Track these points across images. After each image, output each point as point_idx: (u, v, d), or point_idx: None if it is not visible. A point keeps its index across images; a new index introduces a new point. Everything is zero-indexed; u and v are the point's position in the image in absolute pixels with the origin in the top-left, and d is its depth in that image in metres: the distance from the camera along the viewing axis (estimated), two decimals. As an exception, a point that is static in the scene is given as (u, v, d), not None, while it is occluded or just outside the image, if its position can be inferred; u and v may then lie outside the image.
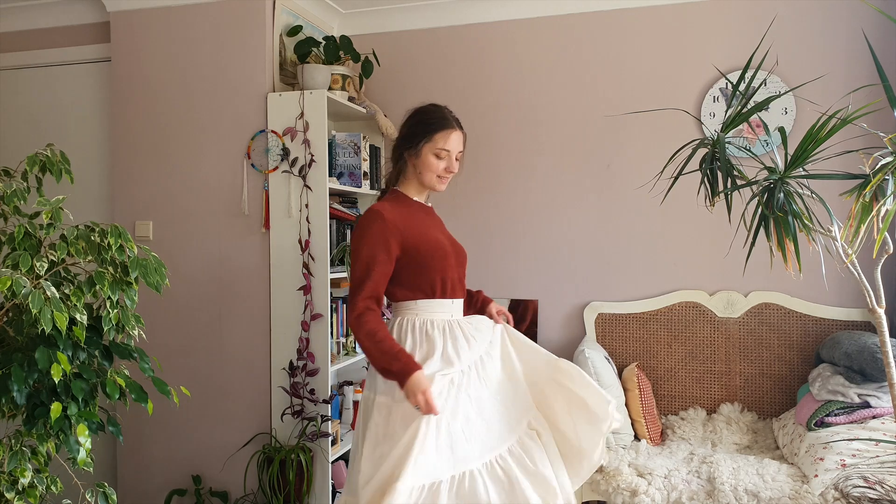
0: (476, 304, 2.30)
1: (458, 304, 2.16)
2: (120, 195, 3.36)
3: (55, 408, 1.73)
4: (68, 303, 1.76)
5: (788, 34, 3.15)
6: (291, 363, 3.07)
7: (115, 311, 1.83)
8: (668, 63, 3.33)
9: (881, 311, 1.83)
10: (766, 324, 3.19)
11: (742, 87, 1.91)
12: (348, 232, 3.45)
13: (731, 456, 2.73)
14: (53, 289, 1.71)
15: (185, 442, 3.26)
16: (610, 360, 3.16)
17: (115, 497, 1.87)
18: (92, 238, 1.81)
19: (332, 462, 3.08)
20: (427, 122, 2.16)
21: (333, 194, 3.26)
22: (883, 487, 1.86)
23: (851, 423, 2.61)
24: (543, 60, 3.49)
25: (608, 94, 3.40)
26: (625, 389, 3.07)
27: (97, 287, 1.79)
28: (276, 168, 3.10)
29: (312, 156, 3.06)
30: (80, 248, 1.79)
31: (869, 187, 1.71)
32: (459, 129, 2.18)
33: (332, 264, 3.16)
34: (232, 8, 3.18)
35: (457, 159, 2.17)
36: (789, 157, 1.83)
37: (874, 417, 2.59)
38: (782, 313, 3.18)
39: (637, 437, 3.02)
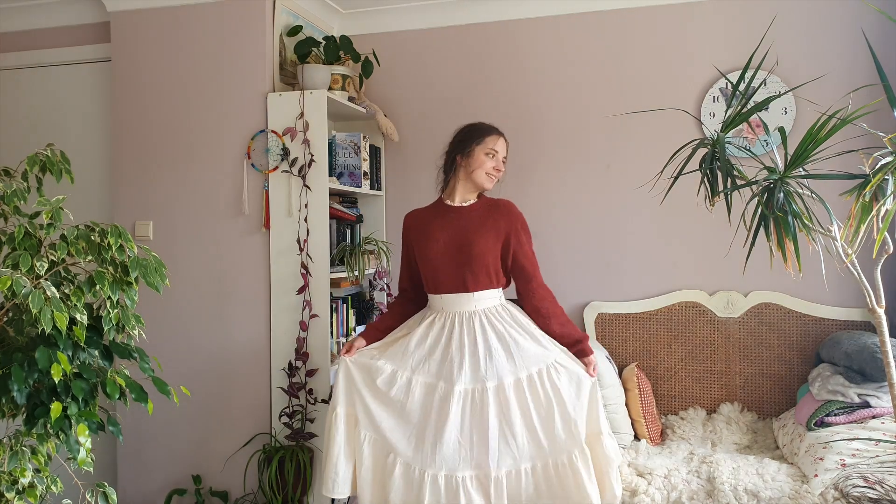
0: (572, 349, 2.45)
1: (450, 297, 2.48)
2: (120, 195, 3.36)
3: (55, 408, 1.73)
4: (68, 303, 1.76)
5: (788, 34, 3.14)
6: (290, 363, 3.07)
7: (116, 310, 1.83)
8: (668, 63, 3.33)
9: (881, 311, 1.83)
10: (766, 324, 3.19)
11: (742, 87, 1.91)
12: (348, 232, 3.45)
13: (730, 456, 2.73)
14: (53, 289, 1.71)
15: (185, 442, 3.26)
16: (611, 359, 3.16)
17: (115, 497, 1.87)
18: (92, 238, 1.81)
19: (332, 462, 3.07)
20: (479, 129, 2.56)
21: (333, 194, 3.26)
22: (883, 487, 1.86)
23: (851, 422, 2.61)
24: (543, 60, 3.49)
25: (608, 94, 3.40)
26: (625, 389, 3.07)
27: (97, 287, 1.79)
28: (276, 168, 3.10)
29: (312, 156, 3.06)
30: (80, 248, 1.79)
31: (869, 187, 1.71)
32: (505, 138, 2.58)
33: (332, 264, 3.16)
34: (232, 8, 3.18)
35: (502, 162, 2.55)
36: (789, 157, 1.83)
37: (874, 417, 2.59)
38: (782, 313, 3.18)
39: (637, 437, 3.02)
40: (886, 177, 1.70)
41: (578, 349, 2.42)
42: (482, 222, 2.48)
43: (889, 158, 1.72)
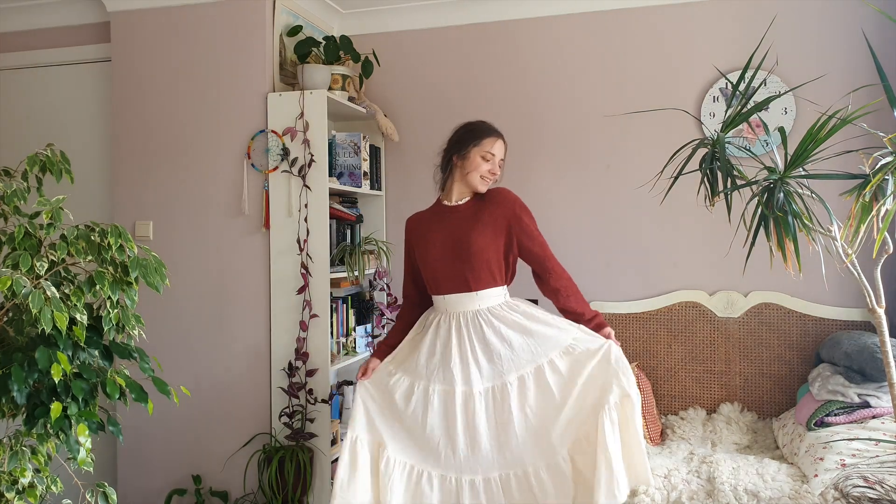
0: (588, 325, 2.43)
1: (452, 297, 2.42)
2: (120, 195, 3.36)
3: (55, 408, 1.74)
4: (68, 303, 1.76)
5: (788, 34, 3.14)
6: (290, 363, 3.07)
7: (116, 311, 1.83)
8: (668, 63, 3.33)
9: (881, 311, 1.83)
10: (765, 324, 3.19)
11: (742, 87, 1.91)
12: (348, 232, 3.45)
13: (730, 456, 2.73)
14: (53, 289, 1.71)
15: (185, 442, 3.26)
16: (610, 360, 3.16)
17: (115, 497, 1.87)
18: (92, 238, 1.81)
19: (333, 461, 3.08)
20: (478, 130, 2.47)
21: (333, 194, 3.26)
22: (883, 487, 1.86)
23: (851, 422, 2.61)
24: (543, 60, 3.49)
25: (608, 94, 3.40)
26: (625, 389, 3.07)
27: (97, 287, 1.79)
28: (276, 168, 3.10)
29: (312, 156, 3.06)
30: (80, 247, 1.79)
31: (869, 187, 1.71)
32: (503, 139, 2.49)
33: (332, 264, 3.16)
34: (232, 8, 3.18)
35: (499, 165, 2.47)
36: (789, 157, 1.82)
37: (874, 417, 2.59)
38: (782, 313, 3.18)
39: (637, 437, 3.02)
40: (886, 177, 1.70)
41: (596, 322, 2.41)
42: (478, 218, 2.41)
43: (889, 158, 1.72)
